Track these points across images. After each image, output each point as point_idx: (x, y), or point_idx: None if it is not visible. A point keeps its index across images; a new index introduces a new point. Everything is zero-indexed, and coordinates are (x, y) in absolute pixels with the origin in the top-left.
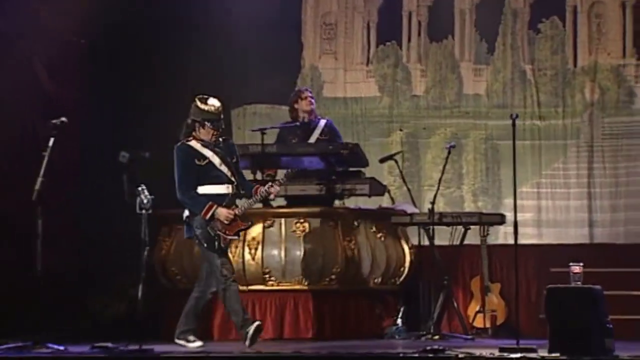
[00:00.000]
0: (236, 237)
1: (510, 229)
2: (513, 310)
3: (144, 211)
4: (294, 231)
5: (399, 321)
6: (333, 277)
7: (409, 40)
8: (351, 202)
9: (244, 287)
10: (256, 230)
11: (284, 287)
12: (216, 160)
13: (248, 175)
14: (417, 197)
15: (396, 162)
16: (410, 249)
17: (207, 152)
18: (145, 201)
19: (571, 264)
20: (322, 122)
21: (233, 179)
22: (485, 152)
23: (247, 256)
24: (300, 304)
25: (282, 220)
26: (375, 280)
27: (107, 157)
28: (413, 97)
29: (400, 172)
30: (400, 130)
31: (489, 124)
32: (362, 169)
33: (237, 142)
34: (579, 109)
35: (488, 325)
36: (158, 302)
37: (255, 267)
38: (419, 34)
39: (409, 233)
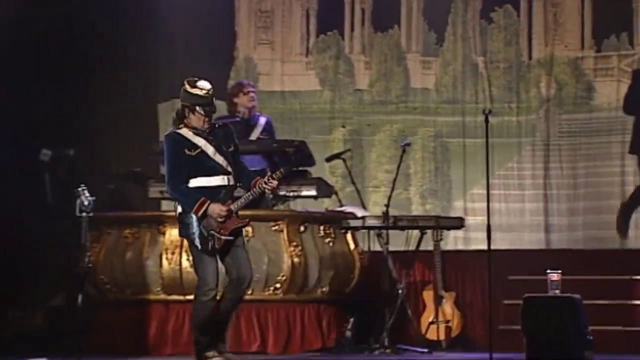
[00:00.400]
0: (231, 237)
1: (461, 234)
2: (469, 320)
3: (84, 214)
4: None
5: (349, 333)
6: (278, 285)
7: (352, 29)
8: (296, 205)
9: (181, 297)
10: None
11: None
12: (209, 149)
13: None
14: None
15: (344, 161)
16: (360, 255)
17: (199, 141)
18: (86, 203)
19: (549, 271)
20: (263, 120)
21: (229, 169)
22: (434, 150)
23: (185, 263)
24: (242, 315)
25: None
26: (323, 289)
27: (27, 157)
28: (356, 91)
29: (349, 172)
30: (343, 127)
31: (438, 121)
32: (309, 169)
33: None
34: (535, 104)
35: (442, 337)
36: (84, 313)
37: (194, 275)
38: (363, 23)
39: (358, 237)
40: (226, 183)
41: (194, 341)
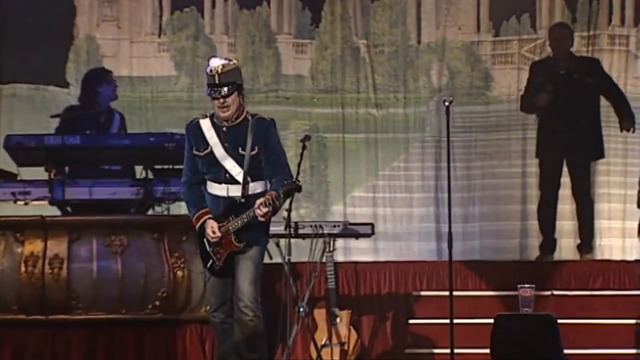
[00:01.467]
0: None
1: (341, 243)
2: (367, 343)
3: None
4: (109, 245)
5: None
6: (157, 303)
7: (213, 6)
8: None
9: (43, 317)
10: (59, 244)
11: (95, 316)
12: (218, 150)
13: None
14: None
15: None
16: None
17: (212, 138)
18: None
19: (520, 286)
20: (117, 116)
21: (239, 178)
22: (309, 147)
23: (48, 277)
24: (115, 338)
25: (94, 231)
26: (208, 307)
27: None
28: None
29: None
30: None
31: (313, 113)
32: None
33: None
34: (424, 95)
35: None
36: None
37: (58, 292)
38: None
39: None
40: (225, 194)
41: None
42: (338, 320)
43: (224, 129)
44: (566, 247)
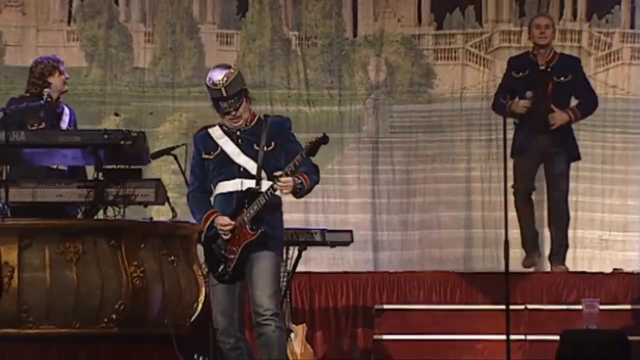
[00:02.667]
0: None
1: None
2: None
3: None
4: (62, 253)
5: None
6: (114, 316)
7: None
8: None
9: None
10: (9, 251)
11: (47, 330)
12: (230, 148)
13: None
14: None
15: (175, 158)
16: (203, 276)
17: (222, 140)
18: None
19: (584, 299)
20: (67, 110)
21: (254, 172)
22: None
23: None
24: (66, 354)
25: (47, 237)
26: (166, 321)
27: None
28: (135, 69)
29: (183, 173)
30: (117, 114)
31: None
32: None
33: None
34: (361, 92)
35: None
36: None
37: (8, 303)
38: None
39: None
40: (239, 188)
41: None
42: (292, 335)
43: (238, 132)
44: (514, 258)
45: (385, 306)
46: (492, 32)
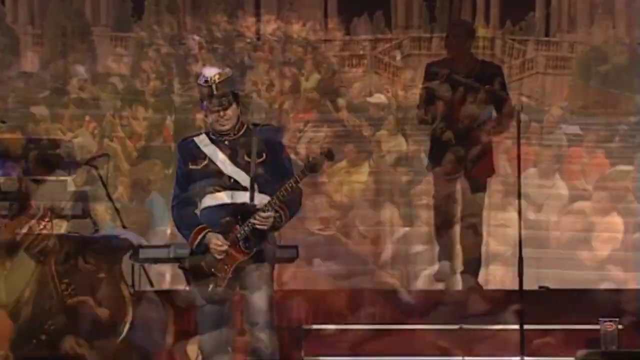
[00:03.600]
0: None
1: None
2: None
3: None
4: None
5: None
6: (43, 337)
7: None
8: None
9: None
10: None
11: None
12: (219, 158)
13: None
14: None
15: (96, 168)
16: (131, 295)
17: (210, 149)
18: None
19: (602, 319)
20: None
21: (245, 184)
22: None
23: None
24: None
25: None
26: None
27: None
28: (22, 74)
29: (104, 184)
30: (3, 122)
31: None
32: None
33: None
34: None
35: None
36: None
37: None
38: None
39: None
40: (229, 201)
41: None
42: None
43: (226, 142)
44: (424, 276)
45: (314, 326)
46: (402, 39)
